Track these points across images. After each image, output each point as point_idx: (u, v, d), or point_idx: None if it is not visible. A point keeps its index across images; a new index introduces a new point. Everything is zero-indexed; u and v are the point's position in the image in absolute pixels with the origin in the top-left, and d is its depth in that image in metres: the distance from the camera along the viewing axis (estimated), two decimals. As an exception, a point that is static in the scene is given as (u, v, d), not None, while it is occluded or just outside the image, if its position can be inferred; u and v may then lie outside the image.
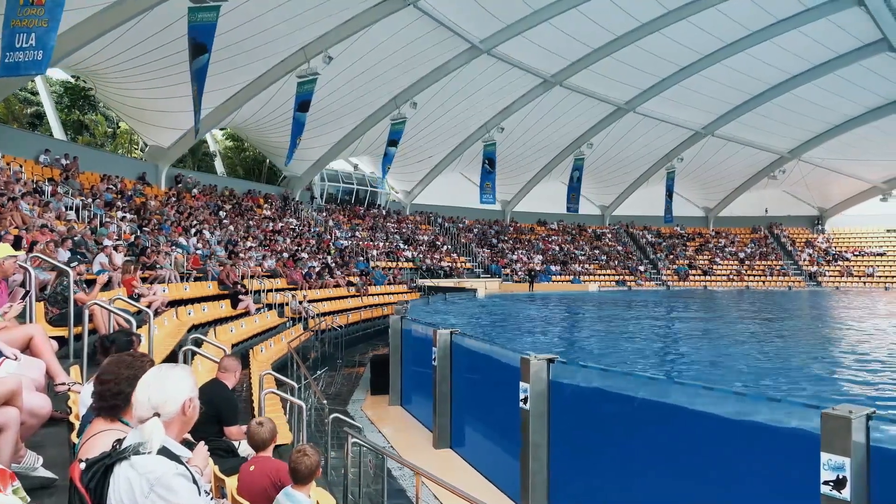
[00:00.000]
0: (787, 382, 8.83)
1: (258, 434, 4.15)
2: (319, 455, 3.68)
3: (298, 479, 3.57)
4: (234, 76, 22.37)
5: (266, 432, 4.16)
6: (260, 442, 4.16)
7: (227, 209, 25.69)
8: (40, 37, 10.39)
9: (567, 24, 25.65)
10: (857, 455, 3.22)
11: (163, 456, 1.99)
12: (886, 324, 18.09)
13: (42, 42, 10.42)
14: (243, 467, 4.09)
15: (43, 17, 10.39)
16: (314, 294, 20.02)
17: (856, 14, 26.00)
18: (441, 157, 36.30)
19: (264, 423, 4.21)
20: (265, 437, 4.15)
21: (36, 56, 10.39)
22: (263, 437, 4.15)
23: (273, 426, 4.27)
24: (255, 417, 4.42)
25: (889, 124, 36.55)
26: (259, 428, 4.17)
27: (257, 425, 4.19)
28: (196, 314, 12.15)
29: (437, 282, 29.46)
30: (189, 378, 2.20)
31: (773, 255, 45.78)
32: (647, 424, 4.98)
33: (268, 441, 4.17)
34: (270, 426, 4.22)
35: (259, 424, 4.19)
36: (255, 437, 4.17)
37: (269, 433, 4.18)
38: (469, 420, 7.78)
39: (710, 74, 31.02)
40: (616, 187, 44.86)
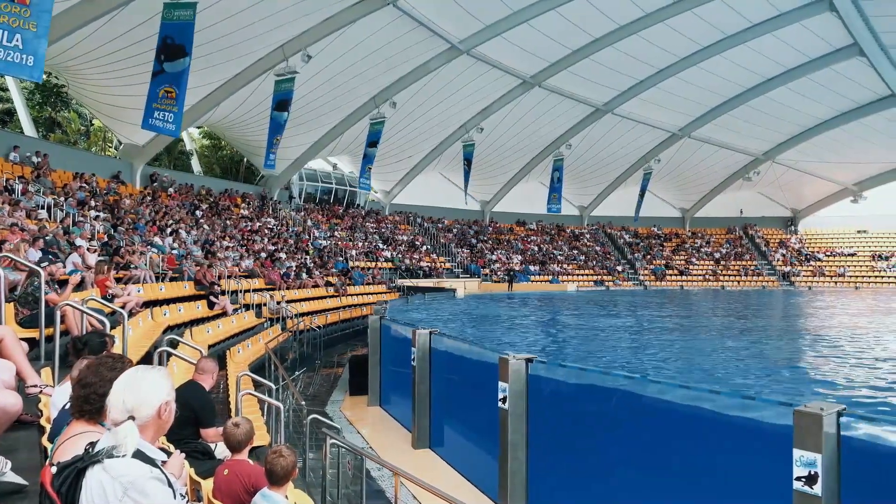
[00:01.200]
0: (763, 380, 8.98)
1: (234, 435, 4.10)
2: (296, 455, 3.64)
3: (274, 480, 3.54)
4: (211, 74, 22.12)
5: (242, 433, 4.10)
6: (235, 443, 4.10)
7: (203, 208, 25.39)
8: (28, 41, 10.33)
9: (546, 25, 25.79)
10: (828, 451, 3.29)
11: (137, 459, 1.96)
12: (858, 322, 18.49)
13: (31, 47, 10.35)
14: (218, 470, 4.04)
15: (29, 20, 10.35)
16: (292, 294, 19.87)
17: (828, 19, 26.54)
18: (420, 157, 36.28)
19: (240, 424, 4.15)
20: (241, 439, 4.10)
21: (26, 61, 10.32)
22: (239, 439, 4.09)
23: (250, 427, 4.21)
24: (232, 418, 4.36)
25: (859, 128, 37.39)
26: (235, 429, 4.11)
27: (233, 426, 4.13)
28: (172, 315, 11.99)
29: (417, 282, 29.43)
30: (165, 380, 2.17)
31: (747, 256, 46.54)
32: (625, 422, 5.03)
33: (244, 442, 4.12)
34: (247, 427, 4.16)
35: (235, 425, 4.13)
36: (231, 438, 4.11)
37: (245, 434, 4.12)
38: (448, 420, 7.78)
39: (687, 77, 31.44)
40: (594, 188, 45.24)
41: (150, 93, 15.83)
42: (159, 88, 15.85)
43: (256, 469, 3.98)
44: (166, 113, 15.81)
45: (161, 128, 16.06)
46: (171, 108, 15.84)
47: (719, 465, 4.24)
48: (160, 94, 15.74)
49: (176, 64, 15.81)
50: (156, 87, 15.83)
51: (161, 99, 15.74)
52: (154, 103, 15.75)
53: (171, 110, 15.81)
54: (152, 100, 15.73)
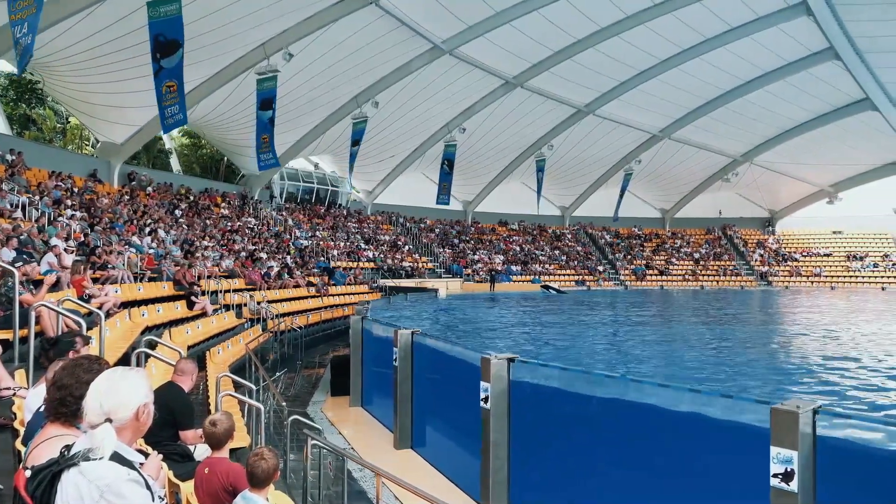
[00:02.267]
0: (740, 378, 9.09)
1: (213, 433, 4.06)
2: (278, 458, 3.61)
3: (255, 482, 3.51)
4: (191, 72, 21.73)
5: (221, 430, 4.06)
6: (215, 441, 4.06)
7: (183, 208, 25.10)
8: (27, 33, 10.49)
9: (528, 26, 25.89)
10: (804, 448, 3.34)
11: (114, 462, 1.93)
12: (833, 322, 18.81)
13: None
14: (198, 469, 4.00)
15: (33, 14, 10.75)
16: (273, 294, 19.72)
17: (805, 24, 26.97)
18: (403, 157, 36.21)
19: (219, 421, 4.10)
20: (220, 436, 4.06)
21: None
22: (218, 436, 4.05)
23: (229, 423, 4.16)
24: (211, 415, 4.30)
25: (835, 130, 38.06)
26: (213, 427, 4.07)
27: (211, 424, 4.09)
28: (150, 315, 11.85)
29: (399, 282, 29.37)
30: (143, 382, 2.14)
31: (726, 256, 47.12)
32: (605, 421, 5.07)
33: (223, 439, 4.07)
34: (226, 425, 4.12)
35: (212, 423, 4.09)
36: (211, 435, 4.07)
37: (225, 431, 4.08)
38: (430, 420, 7.77)
39: (667, 79, 31.76)
40: (576, 188, 45.50)
41: (157, 94, 15.87)
42: (162, 86, 15.76)
43: (236, 467, 3.95)
44: (172, 107, 15.88)
45: (173, 124, 16.36)
46: (175, 100, 15.89)
47: (699, 462, 4.29)
48: (164, 90, 15.71)
49: (172, 58, 15.72)
50: (160, 86, 15.78)
51: (166, 95, 15.76)
52: (164, 102, 15.83)
53: (175, 102, 15.89)
54: (161, 99, 15.81)
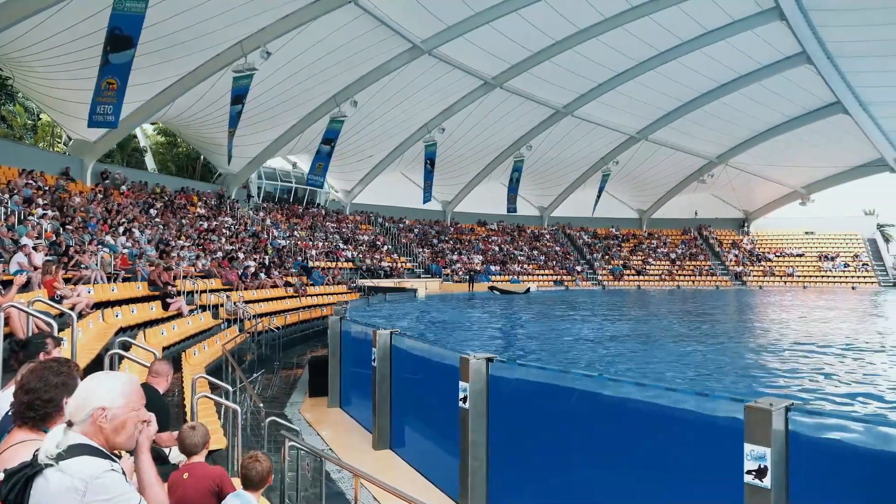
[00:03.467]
0: (716, 377, 9.23)
1: (189, 438, 3.99)
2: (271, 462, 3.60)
3: (250, 484, 3.49)
4: (167, 69, 21.58)
5: (198, 437, 4.00)
6: (191, 447, 3.99)
7: (158, 207, 24.74)
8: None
9: (508, 27, 25.99)
10: (776, 445, 3.39)
11: (93, 456, 1.90)
12: (804, 321, 19.17)
13: None
14: (174, 475, 3.92)
15: None
16: (250, 295, 19.53)
17: (778, 28, 27.44)
18: (382, 157, 36.11)
19: (196, 428, 4.04)
20: (197, 442, 3.99)
21: None
22: (195, 442, 3.99)
23: (206, 430, 4.11)
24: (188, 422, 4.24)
25: (807, 133, 38.81)
26: (191, 432, 4.00)
27: (189, 429, 4.02)
28: (124, 316, 11.66)
29: (378, 282, 29.27)
30: (112, 386, 2.07)
31: (701, 256, 47.78)
32: (583, 420, 5.10)
33: (199, 446, 4.01)
34: (203, 430, 4.06)
35: (191, 429, 4.02)
36: (187, 441, 4.00)
37: (202, 438, 4.02)
38: (409, 420, 7.76)
39: (644, 81, 32.10)
40: (554, 189, 45.79)
41: (96, 87, 15.45)
42: (102, 81, 15.46)
43: (218, 469, 3.90)
44: (107, 105, 15.47)
45: (103, 122, 15.83)
46: (111, 99, 15.52)
47: (676, 459, 4.33)
48: (103, 86, 15.41)
49: (121, 55, 15.42)
50: (100, 80, 15.44)
51: (104, 92, 15.40)
52: (98, 97, 15.42)
53: (110, 102, 15.50)
54: (97, 94, 15.39)
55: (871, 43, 27.58)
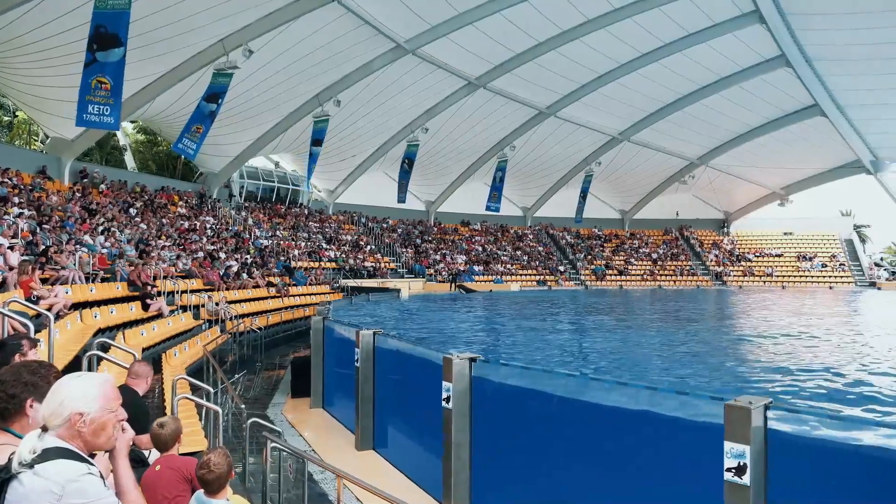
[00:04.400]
0: (696, 375, 9.32)
1: (160, 436, 3.97)
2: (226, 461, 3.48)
3: (210, 489, 3.42)
4: (147, 66, 21.32)
5: (168, 433, 3.97)
6: (162, 444, 3.98)
7: (138, 206, 24.45)
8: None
9: (491, 27, 26.05)
10: (756, 443, 3.43)
11: (70, 459, 1.87)
12: (785, 319, 19.44)
13: None
14: (148, 471, 3.89)
15: None
16: (232, 295, 19.37)
17: (758, 31, 27.81)
18: (365, 157, 36.01)
19: (165, 424, 4.02)
20: (167, 439, 3.97)
21: None
22: (165, 439, 3.96)
23: (176, 427, 4.06)
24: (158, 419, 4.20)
25: (786, 135, 39.38)
26: (160, 430, 3.98)
27: (158, 427, 4.00)
28: (103, 317, 11.50)
29: (361, 282, 29.19)
30: (89, 390, 2.03)
31: (682, 256, 48.26)
32: (566, 419, 5.12)
33: (170, 442, 3.98)
34: (172, 427, 4.02)
35: (160, 427, 4.00)
36: (157, 439, 3.99)
37: (171, 434, 3.99)
38: (392, 421, 7.74)
39: (627, 82, 32.34)
40: (537, 189, 45.98)
41: (83, 84, 15.08)
42: (91, 79, 15.13)
43: (189, 459, 3.89)
44: (102, 106, 15.17)
45: (97, 122, 15.45)
46: (107, 100, 15.21)
47: (657, 457, 4.37)
48: (93, 84, 15.06)
49: (109, 54, 15.14)
50: (88, 78, 15.08)
51: (94, 90, 15.08)
52: (87, 95, 15.06)
53: (107, 103, 15.19)
54: (85, 92, 15.03)
55: (848, 47, 28.07)
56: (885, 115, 34.91)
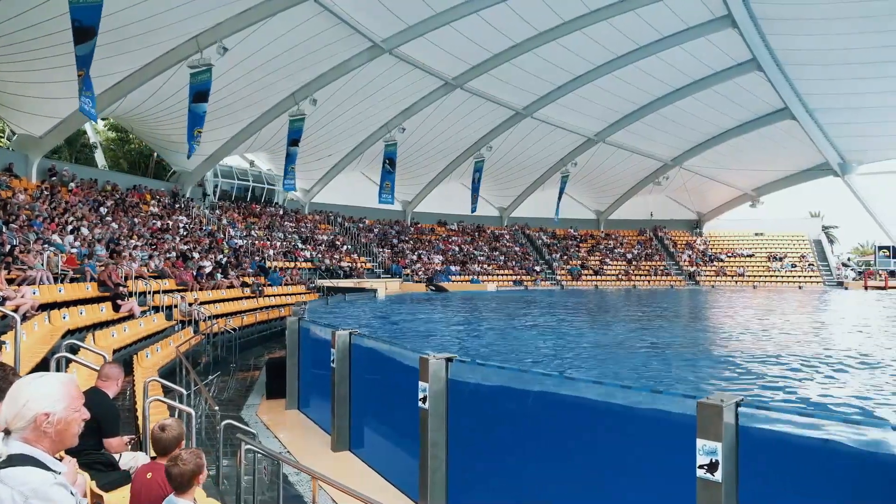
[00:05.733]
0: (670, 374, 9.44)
1: (160, 439, 3.88)
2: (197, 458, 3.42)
3: (177, 487, 3.35)
4: (119, 62, 20.93)
5: (169, 438, 3.89)
6: (161, 448, 3.89)
7: (109, 205, 23.99)
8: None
9: (469, 28, 26.11)
10: (727, 439, 3.49)
11: (35, 466, 1.84)
12: (756, 318, 19.79)
13: None
14: (138, 473, 3.81)
15: None
16: (206, 295, 19.11)
17: (730, 35, 28.31)
18: (341, 156, 35.83)
19: (167, 427, 3.93)
20: (167, 444, 3.88)
21: None
22: (165, 444, 3.88)
23: (180, 431, 3.98)
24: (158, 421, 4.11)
25: (757, 137, 40.14)
26: (160, 433, 3.89)
27: (159, 430, 3.92)
28: (72, 318, 11.27)
29: (337, 282, 29.01)
30: (53, 390, 1.99)
31: (657, 256, 48.89)
32: (542, 418, 5.15)
33: (170, 447, 3.90)
34: (176, 432, 3.93)
35: (160, 429, 3.91)
36: (157, 442, 3.90)
37: (173, 439, 3.91)
38: (368, 421, 7.71)
39: (602, 84, 32.67)
40: (514, 190, 46.19)
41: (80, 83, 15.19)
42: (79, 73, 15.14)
43: None
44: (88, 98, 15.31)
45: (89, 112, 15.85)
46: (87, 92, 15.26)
47: (633, 455, 4.41)
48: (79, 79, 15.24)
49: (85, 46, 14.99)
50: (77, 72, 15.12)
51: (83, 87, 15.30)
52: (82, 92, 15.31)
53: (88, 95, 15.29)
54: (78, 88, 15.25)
55: (817, 52, 28.72)
56: (852, 118, 35.78)
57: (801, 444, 3.56)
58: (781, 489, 3.65)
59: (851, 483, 3.42)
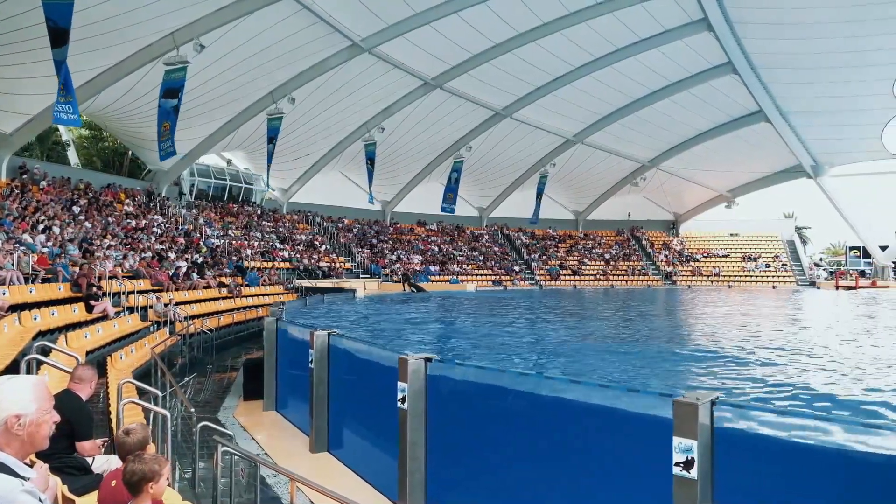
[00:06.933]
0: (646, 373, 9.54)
1: (125, 444, 3.80)
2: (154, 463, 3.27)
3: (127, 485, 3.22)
4: (92, 59, 20.56)
5: (133, 442, 3.81)
6: (125, 454, 3.81)
7: (81, 204, 23.56)
8: None
9: (448, 28, 26.12)
10: (702, 437, 3.53)
11: (2, 472, 1.81)
12: (731, 318, 20.10)
13: None
14: (105, 480, 3.73)
15: None
16: (182, 296, 18.86)
17: (706, 39, 28.71)
18: (320, 156, 35.61)
19: (132, 432, 3.84)
20: (131, 448, 3.81)
21: None
22: (129, 448, 3.80)
23: (144, 435, 3.90)
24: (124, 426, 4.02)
25: (732, 139, 40.77)
26: (125, 437, 3.81)
27: (123, 434, 3.83)
28: (44, 319, 11.05)
29: (315, 282, 28.83)
30: (21, 394, 1.97)
31: (634, 256, 49.39)
32: (520, 417, 5.17)
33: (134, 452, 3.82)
34: (140, 436, 3.85)
35: (125, 434, 3.83)
36: (122, 447, 3.81)
37: (138, 443, 3.83)
38: (347, 422, 7.67)
39: (581, 86, 32.92)
40: (493, 190, 46.32)
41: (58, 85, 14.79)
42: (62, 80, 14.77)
43: None
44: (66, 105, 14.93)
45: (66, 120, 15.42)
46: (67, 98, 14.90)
47: (610, 454, 4.45)
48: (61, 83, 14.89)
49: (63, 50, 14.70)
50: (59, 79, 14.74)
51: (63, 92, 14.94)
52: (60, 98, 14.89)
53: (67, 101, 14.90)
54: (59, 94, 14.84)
55: (791, 56, 29.25)
56: (825, 121, 36.51)
57: (776, 441, 3.62)
58: (757, 485, 3.70)
59: (826, 479, 3.48)
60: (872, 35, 26.96)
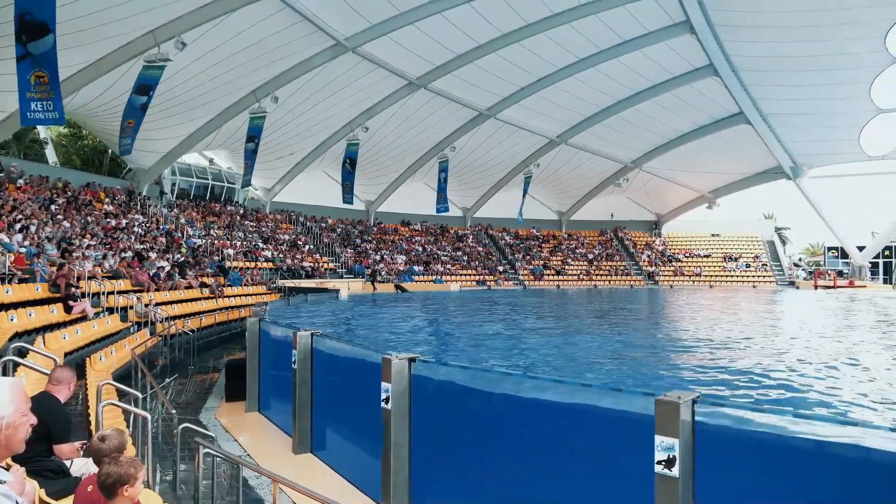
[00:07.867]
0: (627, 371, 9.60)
1: (100, 450, 3.73)
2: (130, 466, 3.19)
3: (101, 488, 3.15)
4: (71, 55, 20.20)
5: (109, 448, 3.74)
6: (100, 458, 3.75)
7: (60, 203, 23.20)
8: None
9: (433, 28, 26.11)
10: (684, 436, 3.57)
11: None
12: (711, 317, 20.32)
13: None
14: (80, 486, 3.67)
15: None
16: (163, 296, 18.66)
17: (688, 41, 28.99)
18: (303, 155, 35.41)
19: (107, 438, 3.77)
20: (106, 455, 3.74)
21: None
22: (105, 455, 3.73)
23: (120, 441, 3.83)
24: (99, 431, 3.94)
25: (714, 141, 41.23)
26: (101, 443, 3.74)
27: (99, 440, 3.76)
28: (20, 320, 10.88)
29: (299, 282, 28.68)
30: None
31: (617, 257, 49.75)
32: (504, 417, 5.18)
33: None
34: (116, 442, 3.78)
35: (101, 439, 3.76)
36: (97, 453, 3.75)
37: (114, 450, 3.76)
38: (330, 423, 7.64)
39: (565, 86, 33.07)
40: (477, 190, 46.38)
41: (21, 81, 14.30)
42: (29, 74, 14.32)
43: None
44: (44, 102, 14.45)
45: (43, 119, 14.89)
46: (48, 94, 14.46)
47: (593, 451, 4.47)
48: (31, 80, 14.31)
49: (40, 44, 14.32)
50: (25, 74, 14.27)
51: (35, 87, 14.37)
52: (28, 92, 14.34)
53: (48, 97, 14.45)
54: (25, 88, 14.29)
55: (771, 58, 29.64)
56: (804, 123, 37.03)
57: (756, 437, 3.67)
58: (737, 483, 3.74)
59: (807, 476, 3.53)
60: (851, 38, 27.42)
